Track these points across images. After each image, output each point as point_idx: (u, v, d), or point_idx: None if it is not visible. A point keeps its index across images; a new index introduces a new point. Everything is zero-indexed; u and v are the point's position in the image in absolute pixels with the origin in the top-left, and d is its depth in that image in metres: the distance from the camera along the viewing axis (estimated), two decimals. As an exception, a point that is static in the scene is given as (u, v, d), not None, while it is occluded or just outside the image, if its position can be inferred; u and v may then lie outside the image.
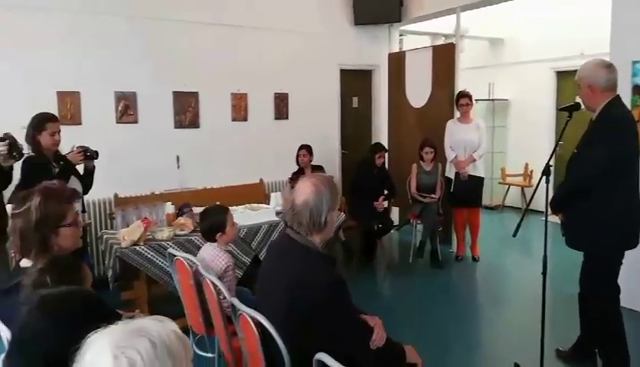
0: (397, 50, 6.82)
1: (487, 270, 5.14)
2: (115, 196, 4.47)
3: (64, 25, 4.49)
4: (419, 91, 6.11)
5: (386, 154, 5.41)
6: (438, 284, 4.75)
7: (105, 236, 3.72)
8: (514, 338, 3.57)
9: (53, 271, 1.52)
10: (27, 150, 3.30)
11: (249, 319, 1.89)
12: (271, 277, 1.92)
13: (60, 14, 4.46)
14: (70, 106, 4.57)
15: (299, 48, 5.92)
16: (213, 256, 2.73)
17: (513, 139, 7.93)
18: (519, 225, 2.69)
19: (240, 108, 5.61)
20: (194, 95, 5.28)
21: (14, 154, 2.74)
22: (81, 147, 3.47)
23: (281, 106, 5.92)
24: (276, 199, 4.44)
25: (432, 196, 5.28)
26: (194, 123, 5.30)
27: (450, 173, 5.30)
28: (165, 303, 3.24)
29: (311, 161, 5.25)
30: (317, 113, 6.13)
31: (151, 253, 3.44)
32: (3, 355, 1.64)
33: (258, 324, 1.87)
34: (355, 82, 6.65)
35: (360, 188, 5.13)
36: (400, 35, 7.14)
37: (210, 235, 2.81)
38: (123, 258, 3.36)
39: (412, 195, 5.39)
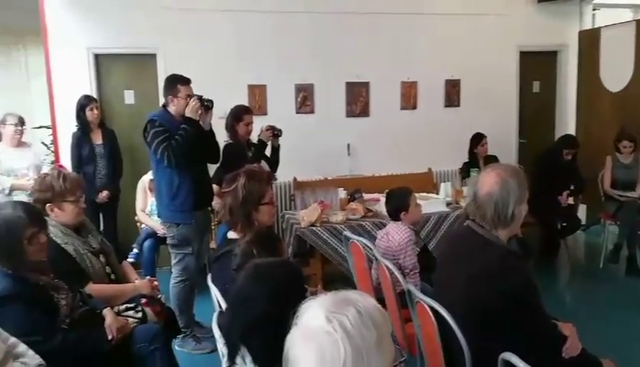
0: (590, 27, 6.01)
1: None
2: (294, 179, 4.87)
3: (253, 24, 4.98)
4: (617, 73, 5.31)
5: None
6: (637, 295, 4.11)
7: (286, 216, 4.09)
8: None
9: (258, 243, 1.73)
10: (226, 138, 3.82)
11: (428, 309, 1.89)
12: (451, 269, 1.89)
13: (249, 15, 4.94)
14: (258, 98, 5.08)
15: (474, 31, 5.61)
16: (397, 229, 2.88)
17: None
18: None
19: (409, 97, 5.57)
20: (365, 85, 5.41)
21: (206, 103, 3.09)
22: (270, 126, 3.86)
23: (452, 93, 5.71)
24: (446, 189, 4.34)
25: (632, 193, 4.56)
26: (365, 112, 5.44)
27: None
28: (337, 282, 3.43)
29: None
30: (492, 100, 5.76)
31: (326, 234, 3.67)
32: (216, 313, 1.93)
33: (435, 313, 1.86)
34: (537, 64, 6.05)
35: (542, 181, 4.67)
36: (593, 10, 6.26)
37: (395, 215, 2.95)
38: (302, 237, 3.66)
39: (605, 191, 4.74)
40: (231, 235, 2.16)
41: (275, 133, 3.86)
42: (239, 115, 3.76)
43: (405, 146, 5.48)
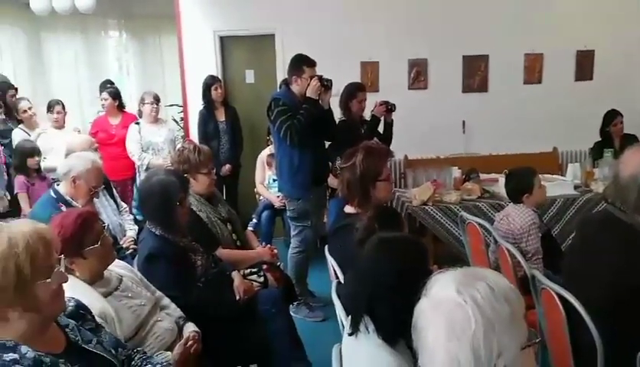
0: None
1: None
2: (405, 157, 4.81)
3: (366, 1, 4.93)
4: None
5: None
6: None
7: (397, 194, 4.06)
8: None
9: (380, 219, 1.77)
10: (340, 115, 3.88)
11: (556, 297, 1.78)
12: (585, 256, 1.76)
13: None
14: (370, 75, 5.06)
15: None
16: (518, 212, 2.70)
17: None
18: None
19: (533, 70, 5.18)
20: (484, 58, 5.13)
21: (326, 83, 3.16)
22: (383, 101, 3.86)
23: (584, 65, 5.18)
24: (574, 171, 3.97)
25: None
26: (483, 87, 5.17)
27: None
28: (449, 262, 3.35)
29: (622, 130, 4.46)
30: (632, 72, 5.12)
31: (439, 214, 3.59)
32: (334, 283, 2.01)
33: (564, 302, 1.75)
34: (693, 29, 5.23)
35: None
36: None
37: (515, 196, 2.78)
38: (413, 215, 3.63)
39: None
40: (348, 209, 2.22)
41: (388, 108, 3.84)
42: (353, 93, 3.79)
43: (527, 123, 5.12)
